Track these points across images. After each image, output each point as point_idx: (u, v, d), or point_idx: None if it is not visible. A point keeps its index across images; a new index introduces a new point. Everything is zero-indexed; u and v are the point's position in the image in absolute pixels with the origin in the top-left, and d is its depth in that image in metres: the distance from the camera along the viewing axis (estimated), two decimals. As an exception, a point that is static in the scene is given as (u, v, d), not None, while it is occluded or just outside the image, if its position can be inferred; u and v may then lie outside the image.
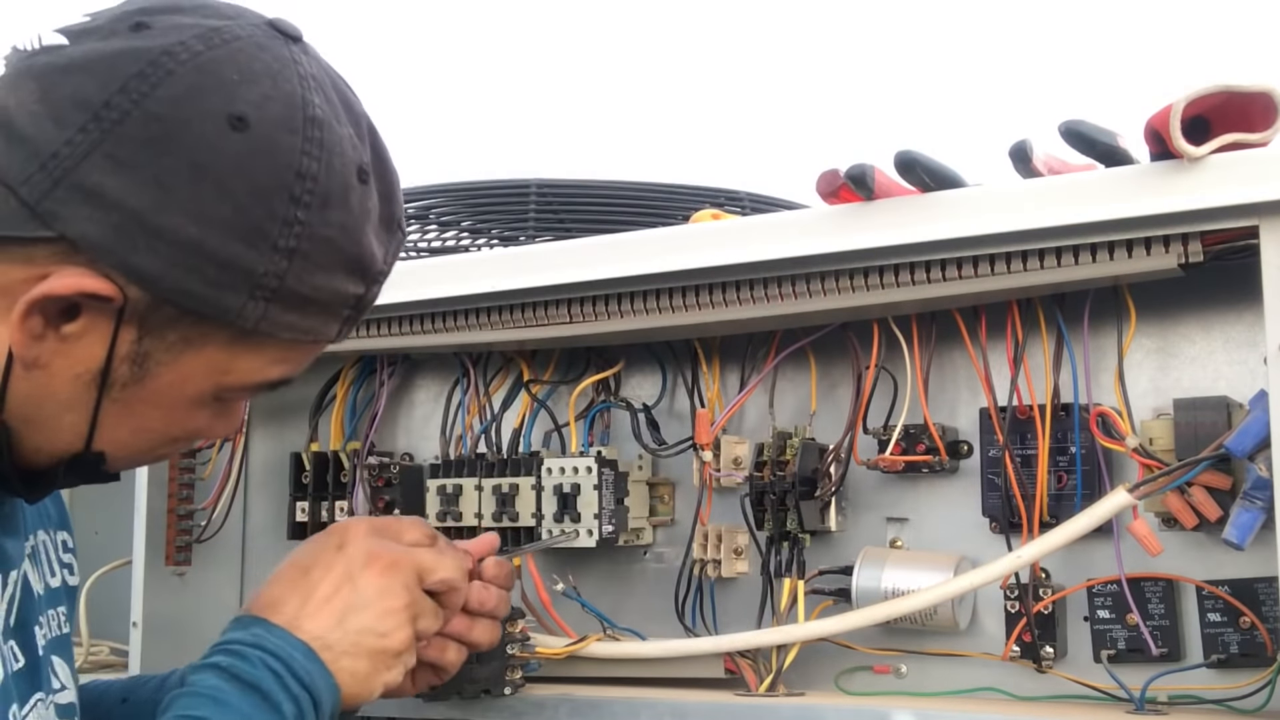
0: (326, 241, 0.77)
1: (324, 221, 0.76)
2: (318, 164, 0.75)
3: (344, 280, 0.79)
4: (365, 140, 0.80)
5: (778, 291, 1.17)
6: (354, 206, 0.78)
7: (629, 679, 1.25)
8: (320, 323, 0.80)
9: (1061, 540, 1.07)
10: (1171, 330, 1.16)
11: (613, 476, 1.31)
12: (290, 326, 0.78)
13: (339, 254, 0.78)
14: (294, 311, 0.78)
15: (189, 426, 0.83)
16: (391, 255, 0.84)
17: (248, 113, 0.73)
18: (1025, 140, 1.07)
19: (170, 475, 1.51)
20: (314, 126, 0.75)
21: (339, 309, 0.81)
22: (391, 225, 0.83)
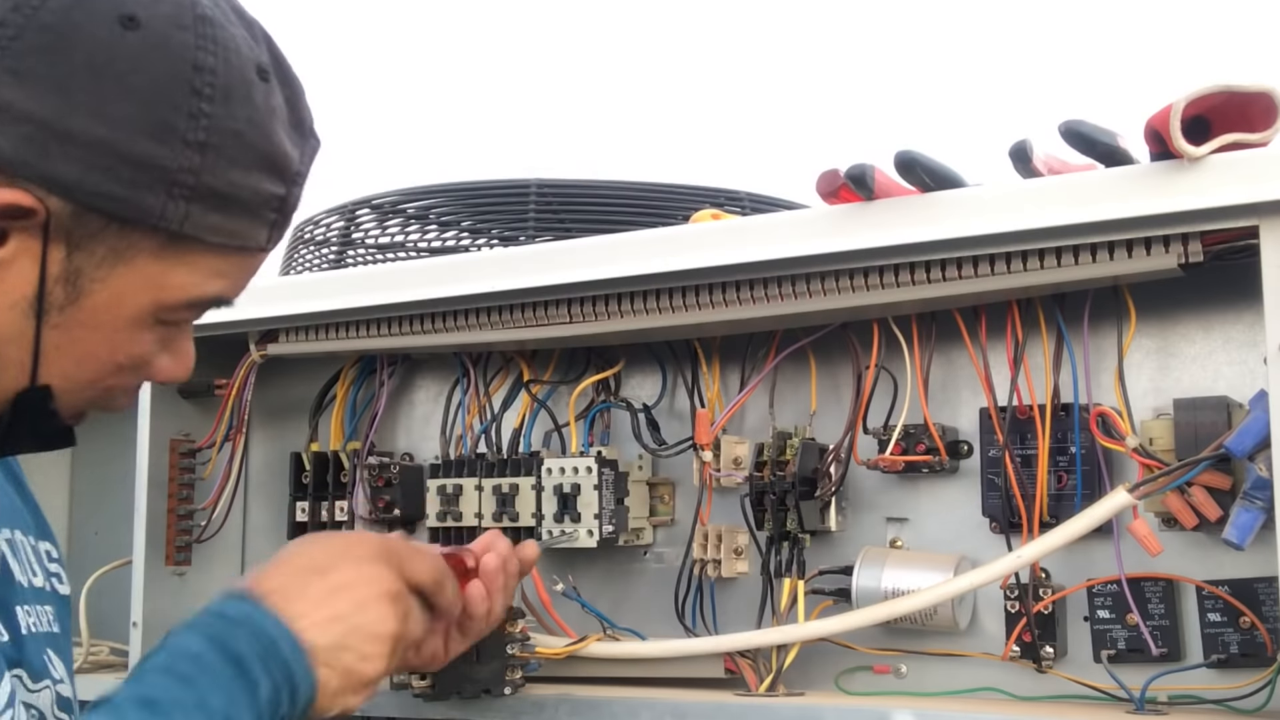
0: (236, 135, 0.77)
1: (229, 115, 0.77)
2: (214, 58, 0.76)
3: (261, 178, 0.79)
4: (261, 43, 0.81)
5: (778, 291, 1.17)
6: (258, 102, 0.79)
7: (629, 679, 1.25)
8: (246, 225, 0.80)
9: (1061, 540, 1.07)
10: (1171, 330, 1.16)
11: (613, 476, 1.31)
12: (216, 229, 0.78)
13: (251, 149, 0.78)
14: (217, 211, 0.78)
15: (133, 351, 0.82)
16: (306, 159, 0.84)
17: (137, 12, 0.74)
18: (1025, 140, 1.07)
19: (170, 475, 1.51)
20: (205, 24, 0.76)
21: (263, 210, 0.81)
22: (302, 129, 0.83)
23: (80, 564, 1.69)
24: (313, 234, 1.69)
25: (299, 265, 1.70)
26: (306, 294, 1.39)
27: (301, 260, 1.70)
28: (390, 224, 1.66)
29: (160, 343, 0.83)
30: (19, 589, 0.90)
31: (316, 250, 1.68)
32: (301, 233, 1.71)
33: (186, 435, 1.53)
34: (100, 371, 0.81)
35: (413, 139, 3.39)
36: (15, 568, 0.90)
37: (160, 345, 0.83)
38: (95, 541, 1.76)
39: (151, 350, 0.83)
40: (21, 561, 0.92)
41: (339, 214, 1.67)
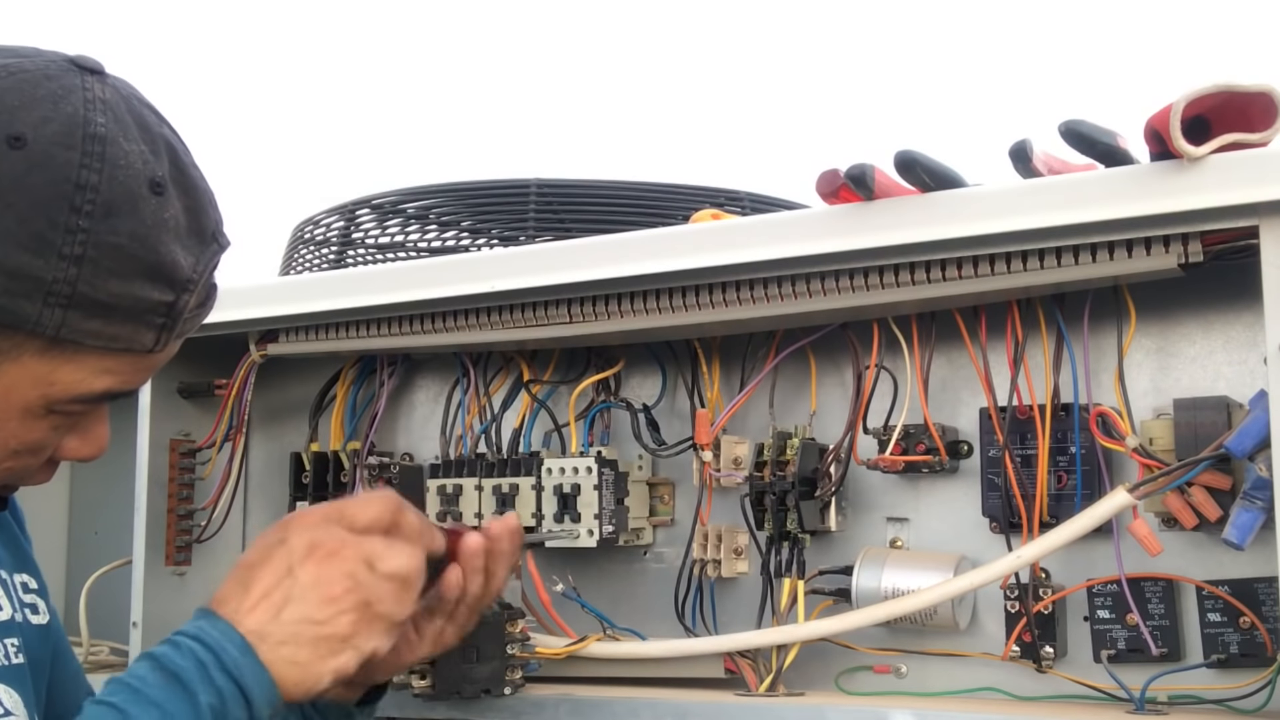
0: (115, 249, 0.81)
1: (110, 229, 0.80)
2: (98, 175, 0.80)
3: (144, 287, 0.83)
4: (162, 156, 0.85)
5: (778, 291, 1.17)
6: (145, 216, 0.82)
7: (629, 679, 1.25)
8: (129, 330, 0.83)
9: (1061, 540, 1.07)
10: (1171, 330, 1.16)
11: (613, 476, 1.31)
12: (95, 334, 0.82)
13: (132, 261, 0.82)
14: (96, 318, 0.81)
15: (26, 439, 0.86)
16: (204, 264, 0.87)
17: (25, 132, 0.79)
18: (1025, 140, 1.07)
19: (170, 475, 1.51)
20: (94, 142, 0.81)
21: (147, 316, 0.84)
22: (203, 236, 0.87)
23: (80, 564, 1.70)
24: (313, 234, 1.69)
25: (299, 265, 1.70)
26: (306, 294, 1.39)
27: (301, 260, 1.70)
28: (390, 224, 1.66)
29: (62, 429, 0.88)
30: None
31: (316, 250, 1.68)
32: (301, 233, 1.71)
33: (186, 435, 1.53)
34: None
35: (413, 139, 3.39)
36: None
37: (63, 430, 0.88)
38: (95, 541, 1.76)
39: (47, 437, 0.87)
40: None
41: (339, 214, 1.67)
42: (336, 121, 3.46)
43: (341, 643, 0.87)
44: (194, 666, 0.83)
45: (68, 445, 0.89)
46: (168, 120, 0.88)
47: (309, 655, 0.86)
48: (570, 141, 3.32)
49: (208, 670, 0.83)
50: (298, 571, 0.88)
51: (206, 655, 0.83)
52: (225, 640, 0.84)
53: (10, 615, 0.96)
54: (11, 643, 0.95)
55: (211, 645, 0.84)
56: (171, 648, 0.84)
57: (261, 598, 0.87)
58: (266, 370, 1.49)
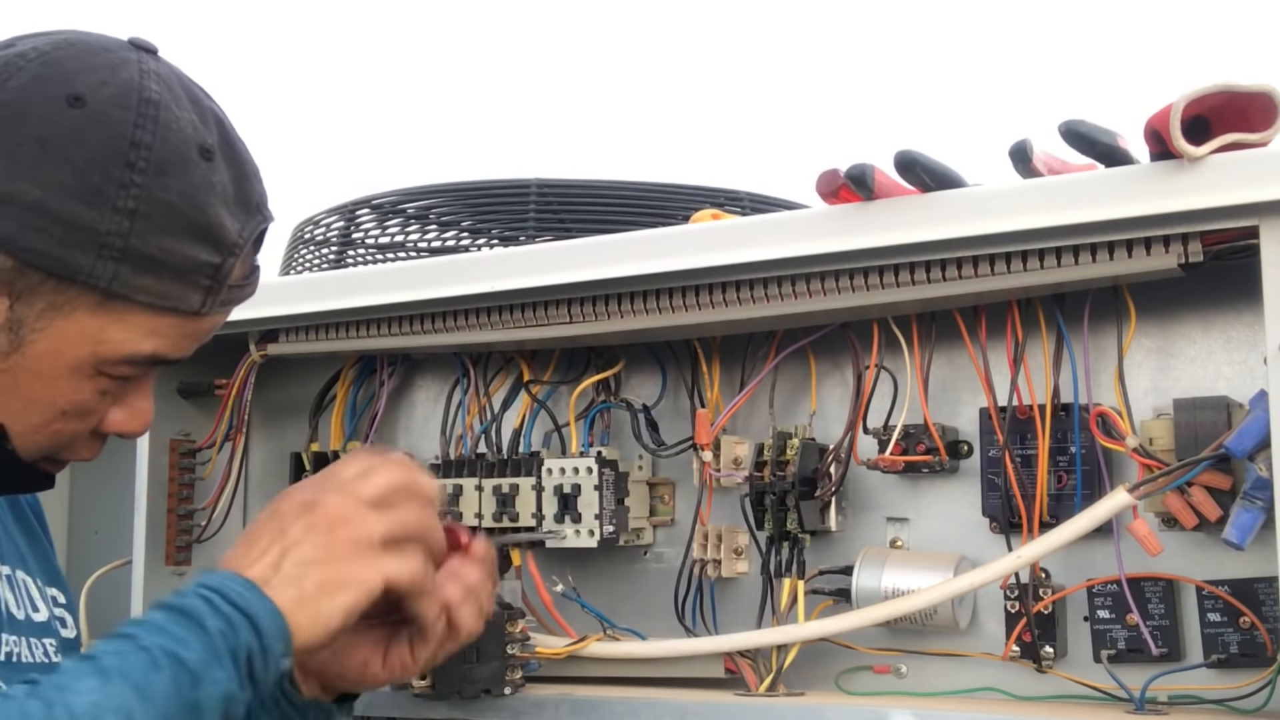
0: (167, 205, 0.84)
1: (162, 187, 0.84)
2: (151, 135, 0.84)
3: (193, 246, 0.86)
4: (211, 126, 0.89)
5: (778, 291, 1.17)
6: (195, 177, 0.86)
7: (629, 679, 1.25)
8: (178, 289, 0.86)
9: (1061, 540, 1.07)
10: (1171, 330, 1.16)
11: (613, 476, 1.31)
12: (145, 289, 0.85)
13: (182, 218, 0.85)
14: (147, 274, 0.85)
15: (74, 399, 0.88)
16: (249, 231, 0.90)
17: (85, 93, 0.84)
18: (1025, 140, 1.07)
19: (170, 475, 1.51)
20: (148, 106, 0.85)
21: (195, 277, 0.87)
22: (249, 205, 0.90)
23: (80, 564, 1.69)
24: (313, 234, 1.69)
25: (299, 265, 1.70)
26: (306, 294, 1.39)
27: (301, 260, 1.70)
28: (390, 224, 1.65)
29: (107, 395, 0.90)
30: (10, 620, 0.93)
31: (316, 250, 1.68)
32: (301, 233, 1.71)
33: (186, 435, 1.53)
34: (46, 416, 0.88)
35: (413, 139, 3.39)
36: (10, 599, 0.94)
37: (108, 398, 0.90)
38: (95, 541, 1.76)
39: (94, 400, 0.89)
40: (19, 596, 0.96)
41: (339, 214, 1.67)
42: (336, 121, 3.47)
43: (349, 578, 0.87)
44: (200, 601, 0.82)
45: (113, 417, 0.92)
46: (215, 100, 0.92)
47: (314, 593, 0.86)
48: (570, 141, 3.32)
49: (213, 603, 0.82)
50: (289, 529, 0.88)
51: (210, 593, 0.83)
52: (227, 580, 0.84)
53: (47, 618, 0.97)
54: (50, 643, 0.97)
55: (214, 585, 0.84)
56: (176, 594, 0.84)
57: (260, 555, 0.87)
58: (266, 370, 1.49)
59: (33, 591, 0.99)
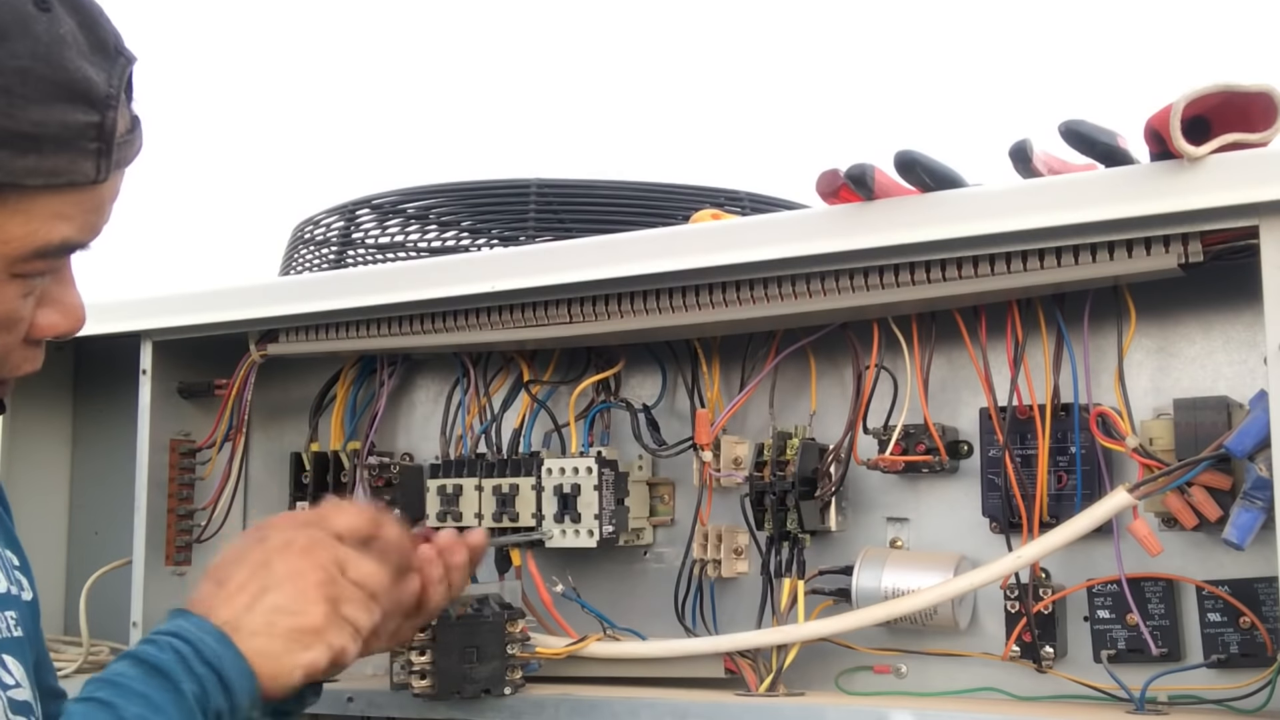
0: (20, 72, 0.78)
1: (10, 54, 0.77)
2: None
3: (65, 110, 0.79)
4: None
5: (778, 291, 1.17)
6: (40, 34, 0.79)
7: (629, 679, 1.25)
8: (66, 161, 0.80)
9: (1061, 540, 1.07)
10: (1171, 330, 1.16)
11: (613, 476, 1.30)
12: (34, 171, 0.79)
13: (42, 83, 0.78)
14: (29, 154, 0.78)
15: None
16: (117, 79, 0.83)
17: None
18: (1025, 140, 1.07)
19: (170, 475, 1.51)
20: None
21: (79, 142, 0.80)
22: (106, 50, 0.83)
23: (80, 564, 1.70)
24: (313, 234, 1.69)
25: (299, 265, 1.70)
26: (306, 294, 1.39)
27: (301, 260, 1.70)
28: (390, 224, 1.66)
29: (29, 298, 0.84)
30: None
31: (316, 250, 1.68)
32: (301, 233, 1.71)
33: (186, 435, 1.53)
34: None
35: (413, 139, 3.39)
36: None
37: (31, 300, 0.85)
38: (95, 541, 1.76)
39: (18, 307, 0.84)
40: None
41: (339, 214, 1.67)
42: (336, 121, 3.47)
43: (314, 636, 0.89)
44: (174, 659, 0.84)
45: (43, 320, 0.86)
46: None
47: (282, 647, 0.87)
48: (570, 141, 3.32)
49: (188, 661, 0.84)
50: (273, 563, 0.89)
51: (185, 648, 0.84)
52: (202, 633, 0.86)
53: (6, 589, 0.96)
54: (10, 615, 0.95)
55: (189, 639, 0.85)
56: (150, 645, 0.85)
57: (237, 590, 0.88)
58: (266, 370, 1.50)
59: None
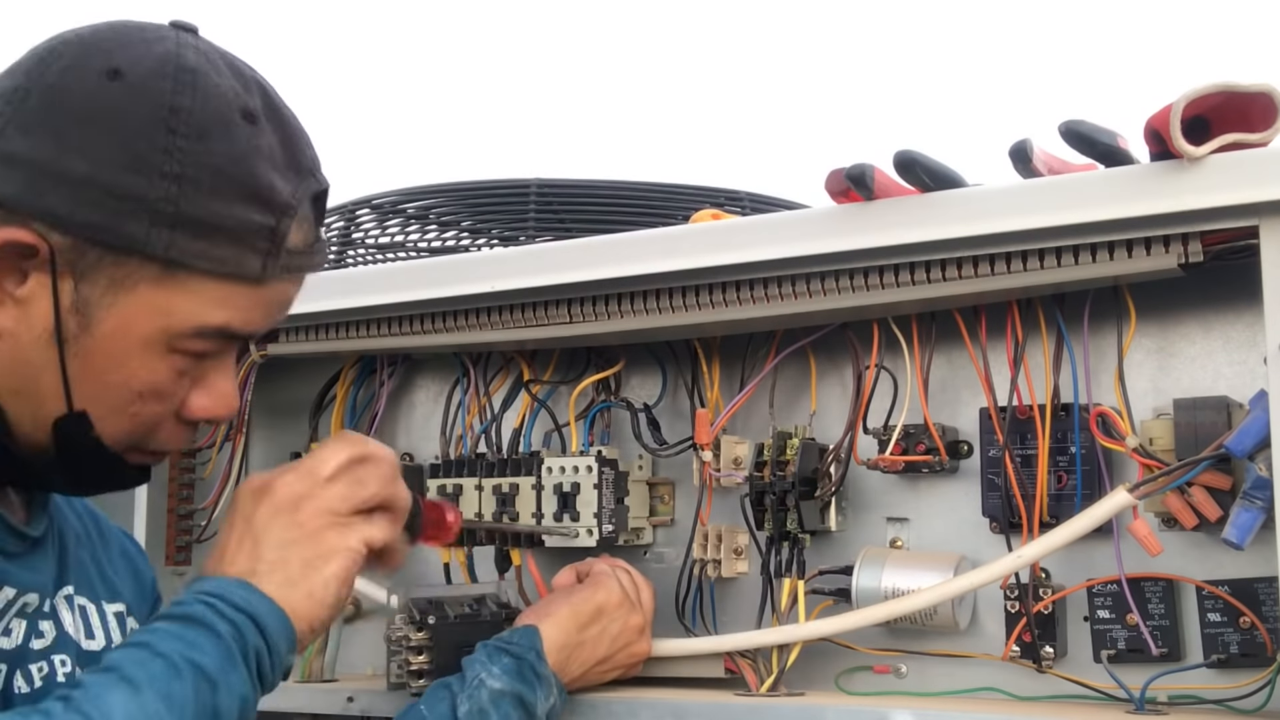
0: (214, 170, 0.85)
1: (206, 150, 0.85)
2: (190, 100, 0.85)
3: (244, 209, 0.86)
4: (254, 93, 0.89)
5: (778, 291, 1.17)
6: (239, 140, 0.86)
7: (629, 679, 1.25)
8: (234, 253, 0.86)
9: (1061, 540, 1.07)
10: (1171, 330, 1.16)
11: (613, 476, 1.31)
12: (202, 255, 0.85)
13: (230, 181, 0.85)
14: (201, 239, 0.85)
15: (149, 379, 0.88)
16: (301, 194, 0.90)
17: (122, 66, 0.85)
18: (1025, 140, 1.07)
19: (170, 475, 1.51)
20: (186, 73, 0.86)
21: (249, 239, 0.87)
22: (299, 168, 0.90)
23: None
24: (313, 234, 1.69)
25: (299, 265, 1.70)
26: (306, 294, 1.37)
27: (301, 260, 1.70)
28: (390, 224, 1.66)
29: (185, 377, 0.90)
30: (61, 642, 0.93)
31: (316, 250, 1.68)
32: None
33: (186, 435, 1.53)
34: (123, 397, 0.88)
35: (413, 139, 3.39)
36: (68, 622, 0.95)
37: (186, 380, 0.90)
38: (95, 541, 1.76)
39: (170, 380, 0.89)
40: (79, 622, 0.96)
41: (339, 214, 1.67)
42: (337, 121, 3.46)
43: (329, 549, 0.90)
44: (204, 608, 0.84)
45: (195, 402, 0.91)
46: (259, 71, 0.92)
47: (301, 573, 0.88)
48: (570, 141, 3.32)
49: (218, 608, 0.84)
50: (253, 518, 0.90)
51: (212, 598, 0.85)
52: (223, 585, 0.86)
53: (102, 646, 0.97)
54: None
55: (214, 591, 0.86)
56: (175, 604, 0.86)
57: (235, 551, 0.89)
58: (266, 370, 1.50)
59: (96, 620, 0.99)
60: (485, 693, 1.10)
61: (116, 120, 0.83)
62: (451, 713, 1.10)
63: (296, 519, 0.90)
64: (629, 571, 1.25)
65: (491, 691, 1.10)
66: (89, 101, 0.84)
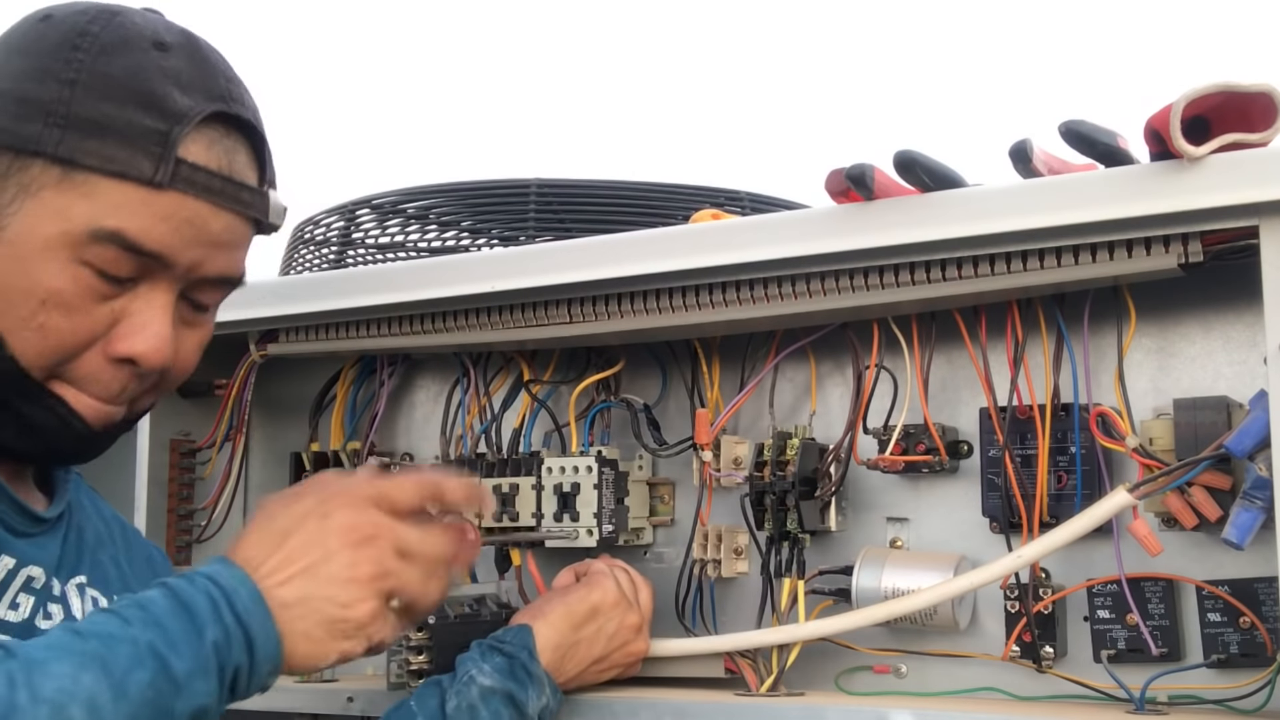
0: (106, 76, 0.90)
1: (105, 62, 0.91)
2: (101, 27, 0.92)
3: (135, 112, 0.90)
4: (176, 33, 0.95)
5: (778, 291, 1.17)
6: (139, 57, 0.92)
7: (629, 679, 1.25)
8: (126, 153, 0.90)
9: (1061, 540, 1.07)
10: (1171, 330, 1.16)
11: (613, 476, 1.31)
12: (94, 153, 0.89)
13: (121, 89, 0.90)
14: (93, 138, 0.89)
15: (51, 285, 0.89)
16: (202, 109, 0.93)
17: (54, 12, 0.94)
18: (1025, 140, 1.07)
19: (170, 475, 1.51)
20: (107, 12, 0.94)
21: (142, 142, 0.90)
22: (207, 91, 0.94)
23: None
24: (313, 234, 1.69)
25: (299, 265, 1.70)
26: (306, 294, 1.39)
27: (301, 260, 1.70)
28: (390, 224, 1.65)
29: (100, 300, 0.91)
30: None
31: (316, 250, 1.68)
32: (301, 233, 1.71)
33: (186, 435, 1.53)
34: (28, 306, 0.89)
35: (413, 139, 3.39)
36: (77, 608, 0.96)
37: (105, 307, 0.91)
38: (95, 541, 1.76)
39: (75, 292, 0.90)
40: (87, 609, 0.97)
41: (339, 214, 1.67)
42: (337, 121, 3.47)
43: (356, 629, 0.87)
44: (206, 601, 0.82)
45: (118, 334, 0.92)
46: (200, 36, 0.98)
47: (323, 633, 0.86)
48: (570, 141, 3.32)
49: (218, 607, 0.82)
50: (332, 549, 0.87)
51: (218, 594, 0.82)
52: (238, 584, 0.84)
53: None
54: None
55: (224, 586, 0.83)
56: (185, 581, 0.83)
57: (287, 563, 0.86)
58: (266, 370, 1.49)
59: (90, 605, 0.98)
60: (475, 689, 1.10)
61: (34, 45, 0.92)
62: (440, 709, 1.09)
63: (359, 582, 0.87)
64: (627, 571, 1.25)
65: (481, 688, 1.10)
66: (20, 39, 0.93)
